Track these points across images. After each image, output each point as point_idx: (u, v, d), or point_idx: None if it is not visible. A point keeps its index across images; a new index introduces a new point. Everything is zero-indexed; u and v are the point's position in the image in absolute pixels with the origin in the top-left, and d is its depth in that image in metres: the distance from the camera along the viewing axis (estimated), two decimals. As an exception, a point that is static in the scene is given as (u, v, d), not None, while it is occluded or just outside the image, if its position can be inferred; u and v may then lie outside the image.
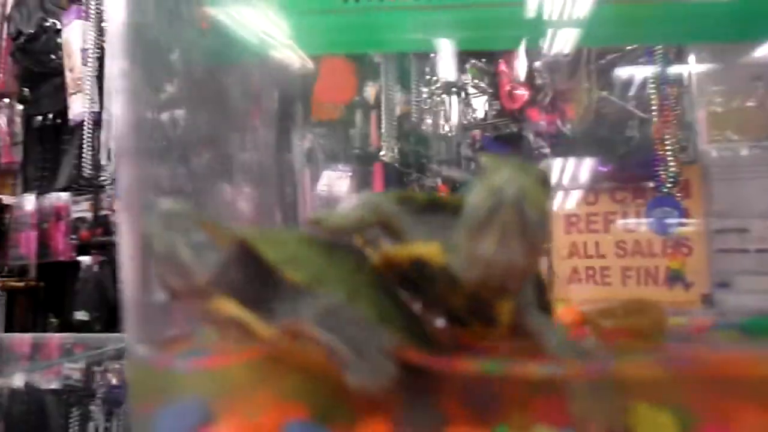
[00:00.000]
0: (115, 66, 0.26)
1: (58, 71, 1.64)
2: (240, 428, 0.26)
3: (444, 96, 0.98)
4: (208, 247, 0.28)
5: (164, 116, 0.29)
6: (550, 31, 0.55)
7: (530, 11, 0.52)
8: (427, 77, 0.99)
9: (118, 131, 0.27)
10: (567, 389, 0.27)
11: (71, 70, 1.60)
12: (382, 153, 0.96)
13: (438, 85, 0.98)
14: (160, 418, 0.26)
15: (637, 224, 0.94)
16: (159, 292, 0.27)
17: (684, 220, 0.90)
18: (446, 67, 0.97)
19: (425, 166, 0.99)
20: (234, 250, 0.28)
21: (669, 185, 0.89)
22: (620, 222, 0.95)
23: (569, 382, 0.27)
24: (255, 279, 0.28)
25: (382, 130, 0.96)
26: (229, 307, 0.27)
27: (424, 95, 0.99)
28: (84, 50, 1.52)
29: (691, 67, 0.91)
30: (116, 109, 0.26)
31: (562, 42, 0.58)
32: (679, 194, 0.90)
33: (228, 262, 0.28)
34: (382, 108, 0.96)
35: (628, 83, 0.92)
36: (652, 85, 0.89)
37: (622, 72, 0.92)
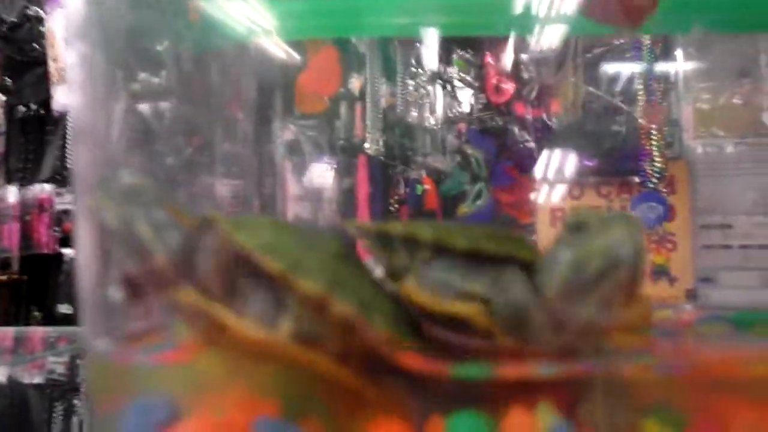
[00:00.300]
0: (73, 48, 0.25)
1: (41, 61, 1.62)
2: (208, 426, 0.25)
3: (430, 88, 0.98)
4: (170, 228, 0.26)
5: (130, 103, 0.29)
6: (537, 20, 0.55)
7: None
8: (413, 69, 0.98)
9: (75, 114, 0.25)
10: (577, 390, 0.26)
11: (55, 60, 1.58)
12: (366, 145, 0.95)
13: (424, 77, 0.98)
14: (123, 416, 0.25)
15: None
16: (113, 277, 0.26)
17: (669, 216, 0.90)
18: (432, 58, 0.96)
19: (410, 159, 0.99)
20: (200, 233, 0.27)
21: (655, 180, 0.89)
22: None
23: (578, 383, 0.26)
24: (223, 265, 0.27)
25: (367, 122, 0.95)
26: (195, 299, 0.26)
27: (410, 87, 0.98)
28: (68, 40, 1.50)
29: (678, 63, 0.91)
30: (74, 92, 0.25)
31: (550, 33, 0.57)
32: (664, 190, 0.90)
33: (192, 245, 0.26)
34: (367, 100, 0.95)
35: (615, 78, 0.92)
36: (639, 80, 0.89)
37: (609, 66, 0.92)
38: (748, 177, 0.91)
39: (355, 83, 0.95)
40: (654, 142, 0.88)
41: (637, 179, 0.90)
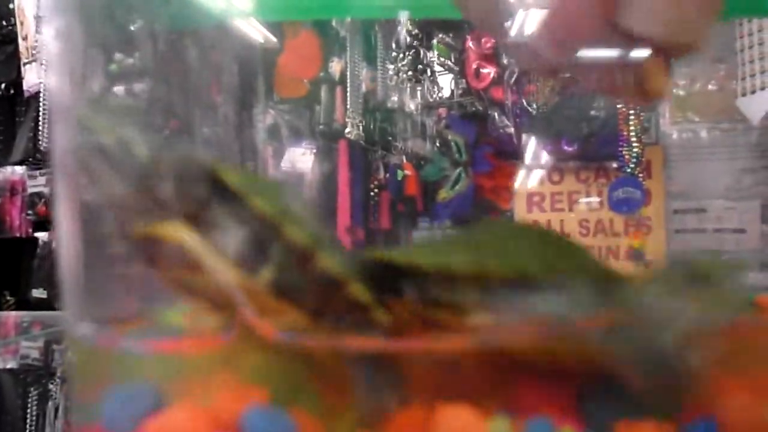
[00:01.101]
0: (50, 23, 0.24)
1: (11, 39, 1.57)
2: (195, 415, 0.25)
3: (410, 73, 0.98)
4: (165, 153, 0.25)
5: (108, 83, 0.28)
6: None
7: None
8: (394, 54, 0.98)
9: (52, 93, 0.24)
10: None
11: (25, 38, 1.53)
12: (347, 130, 0.94)
13: (404, 62, 0.97)
14: (106, 404, 0.25)
15: (599, 203, 0.96)
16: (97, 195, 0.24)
17: (645, 201, 0.92)
18: (413, 42, 0.96)
19: (391, 144, 0.99)
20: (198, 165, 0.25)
21: (632, 166, 0.90)
22: (583, 201, 0.96)
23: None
24: (218, 205, 0.25)
25: (348, 107, 0.94)
26: (178, 233, 0.23)
27: (390, 72, 0.98)
28: (38, 17, 1.46)
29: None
30: (51, 70, 0.24)
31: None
32: (641, 174, 0.91)
33: (187, 174, 0.25)
34: (348, 84, 0.94)
35: (593, 62, 0.93)
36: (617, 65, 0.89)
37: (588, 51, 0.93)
38: (722, 162, 0.93)
39: (335, 67, 0.94)
40: (632, 128, 0.89)
41: (614, 164, 0.92)
